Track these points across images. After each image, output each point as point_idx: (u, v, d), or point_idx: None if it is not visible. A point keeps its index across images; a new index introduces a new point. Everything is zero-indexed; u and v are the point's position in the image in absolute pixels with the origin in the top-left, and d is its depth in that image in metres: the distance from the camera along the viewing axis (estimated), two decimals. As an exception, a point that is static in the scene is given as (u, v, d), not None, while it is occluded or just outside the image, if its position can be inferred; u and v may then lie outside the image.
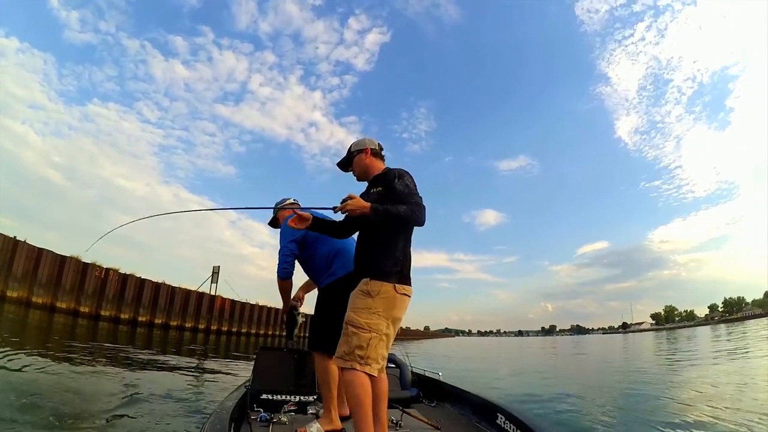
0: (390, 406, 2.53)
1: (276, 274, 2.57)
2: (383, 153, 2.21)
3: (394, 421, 2.38)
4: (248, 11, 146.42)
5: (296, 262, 2.60)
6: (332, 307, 2.32)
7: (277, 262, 2.55)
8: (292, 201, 2.84)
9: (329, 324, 2.23)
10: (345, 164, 2.21)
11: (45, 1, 77.10)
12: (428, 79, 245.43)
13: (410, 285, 1.89)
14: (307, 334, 2.64)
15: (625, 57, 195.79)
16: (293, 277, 2.62)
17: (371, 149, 2.13)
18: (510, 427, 2.15)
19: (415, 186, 1.93)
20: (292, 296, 2.75)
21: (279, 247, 2.56)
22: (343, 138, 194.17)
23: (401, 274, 1.86)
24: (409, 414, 2.51)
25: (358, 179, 2.18)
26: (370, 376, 1.74)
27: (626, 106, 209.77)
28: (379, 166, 2.13)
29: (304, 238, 2.56)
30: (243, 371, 7.51)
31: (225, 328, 21.41)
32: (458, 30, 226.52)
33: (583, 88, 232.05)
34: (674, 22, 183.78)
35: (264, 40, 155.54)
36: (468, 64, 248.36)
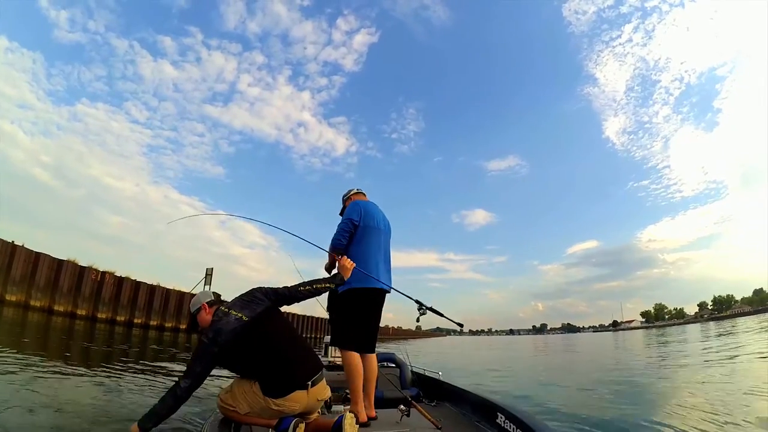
0: (393, 405, 2.73)
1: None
2: (221, 299, 2.20)
3: (402, 410, 2.43)
4: (236, 11, 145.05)
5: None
6: (354, 311, 2.56)
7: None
8: (356, 191, 3.00)
9: (356, 325, 2.51)
10: (193, 326, 2.17)
11: (34, 0, 76.02)
12: (417, 79, 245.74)
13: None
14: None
15: (613, 58, 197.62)
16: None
17: (207, 303, 2.11)
18: (510, 427, 2.11)
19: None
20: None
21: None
22: (333, 138, 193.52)
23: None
24: (416, 407, 2.49)
25: None
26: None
27: (614, 106, 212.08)
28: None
29: (356, 228, 2.65)
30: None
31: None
32: (447, 31, 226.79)
33: (571, 89, 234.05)
34: (662, 23, 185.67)
35: (252, 40, 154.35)
36: (457, 65, 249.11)
